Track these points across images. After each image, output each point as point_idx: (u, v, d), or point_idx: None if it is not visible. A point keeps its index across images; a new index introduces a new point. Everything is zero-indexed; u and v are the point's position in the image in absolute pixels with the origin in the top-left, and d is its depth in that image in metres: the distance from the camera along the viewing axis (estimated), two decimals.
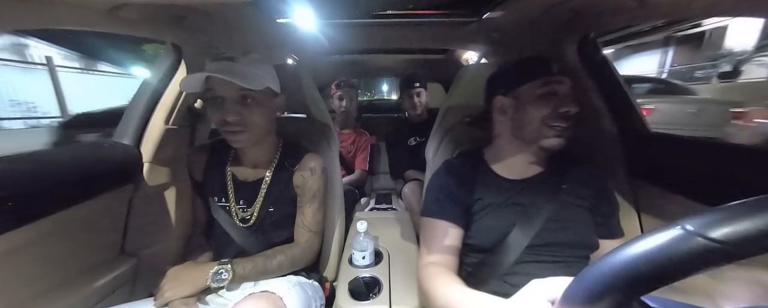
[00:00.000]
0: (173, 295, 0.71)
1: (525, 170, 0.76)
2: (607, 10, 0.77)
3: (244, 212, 0.84)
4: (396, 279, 0.90)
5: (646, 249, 0.24)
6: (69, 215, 0.73)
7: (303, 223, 0.85)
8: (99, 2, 0.60)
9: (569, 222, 0.70)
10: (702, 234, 0.22)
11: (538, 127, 0.68)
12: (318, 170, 0.87)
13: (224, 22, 0.87)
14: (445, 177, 0.78)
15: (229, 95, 0.73)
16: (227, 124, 0.73)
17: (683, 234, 0.23)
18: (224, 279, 0.73)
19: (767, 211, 0.21)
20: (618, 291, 0.25)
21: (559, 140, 0.68)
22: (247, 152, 0.85)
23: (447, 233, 0.71)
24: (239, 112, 0.73)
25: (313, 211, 0.86)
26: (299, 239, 0.86)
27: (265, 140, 0.84)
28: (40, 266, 0.71)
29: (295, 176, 0.85)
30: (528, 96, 0.70)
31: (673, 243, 0.23)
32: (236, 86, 0.71)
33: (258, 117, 0.76)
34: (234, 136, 0.75)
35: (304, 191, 0.85)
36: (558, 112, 0.66)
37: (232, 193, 0.84)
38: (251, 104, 0.75)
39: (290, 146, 0.91)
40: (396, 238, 1.14)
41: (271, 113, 0.82)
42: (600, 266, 0.26)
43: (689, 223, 0.23)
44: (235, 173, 0.86)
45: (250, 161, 0.86)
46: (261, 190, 0.84)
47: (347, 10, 0.88)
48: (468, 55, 1.92)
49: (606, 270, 0.26)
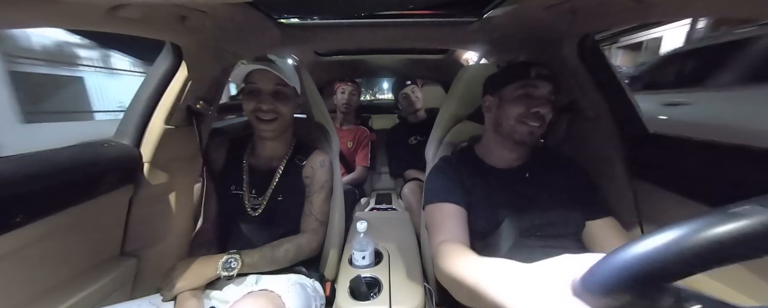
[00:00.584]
0: (183, 286, 0.72)
1: (511, 160, 0.84)
2: (607, 9, 0.77)
3: (256, 200, 0.90)
4: (396, 279, 0.90)
5: (683, 234, 0.22)
6: (69, 215, 0.73)
7: (310, 211, 0.91)
8: (99, 1, 0.59)
9: (556, 207, 0.76)
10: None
11: (513, 123, 0.77)
12: (326, 164, 0.96)
13: (225, 22, 0.87)
14: (444, 168, 0.86)
15: (266, 88, 0.85)
16: (261, 111, 0.85)
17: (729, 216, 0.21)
18: (234, 267, 0.75)
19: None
20: (646, 280, 0.23)
21: (530, 136, 0.76)
22: (266, 145, 0.94)
23: (454, 214, 0.75)
24: (272, 102, 0.85)
25: (321, 201, 0.93)
26: (306, 227, 0.90)
27: (283, 135, 0.94)
28: (40, 266, 0.71)
29: (304, 168, 0.94)
30: (508, 96, 0.79)
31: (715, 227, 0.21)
32: (273, 80, 0.85)
33: (286, 110, 0.88)
34: (265, 124, 0.86)
35: (312, 181, 0.93)
36: (531, 111, 0.74)
37: (246, 181, 0.91)
38: (282, 98, 0.87)
39: (301, 143, 1.00)
40: (396, 238, 1.14)
41: (294, 109, 0.92)
42: (625, 253, 0.24)
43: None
44: (250, 164, 0.94)
45: (266, 153, 0.95)
46: (273, 180, 0.91)
47: (347, 10, 0.88)
48: (468, 56, 1.91)
49: (633, 257, 0.23)
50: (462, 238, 0.71)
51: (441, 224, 0.74)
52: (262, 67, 0.83)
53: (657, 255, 0.23)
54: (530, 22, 0.95)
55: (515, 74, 0.79)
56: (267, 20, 1.00)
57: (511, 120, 0.77)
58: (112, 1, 0.59)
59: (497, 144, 0.84)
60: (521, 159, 0.84)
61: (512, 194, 0.78)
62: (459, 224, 0.73)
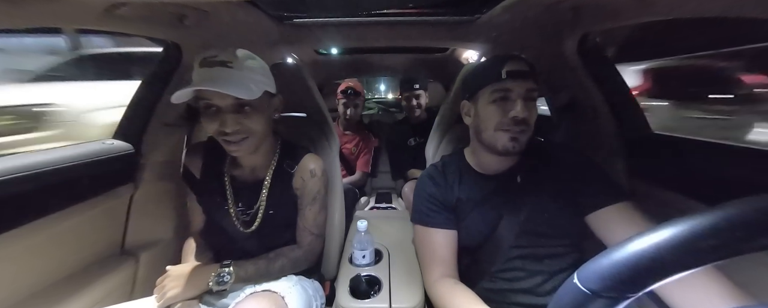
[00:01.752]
0: (176, 297, 0.70)
1: (500, 166, 0.76)
2: (607, 9, 0.76)
3: (244, 215, 0.81)
4: (396, 277, 0.90)
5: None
6: (69, 215, 0.73)
7: (304, 226, 0.84)
8: (97, 0, 0.59)
9: (549, 211, 0.70)
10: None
11: (492, 132, 0.69)
12: (318, 172, 0.84)
13: (224, 21, 0.87)
14: (428, 185, 0.79)
15: (225, 104, 0.67)
16: (226, 134, 0.69)
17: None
18: (226, 281, 0.72)
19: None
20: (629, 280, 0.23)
21: (514, 143, 0.68)
22: (246, 156, 0.81)
23: (442, 240, 0.73)
24: (238, 121, 0.69)
25: (315, 214, 0.84)
26: (301, 241, 0.85)
27: (263, 143, 0.80)
28: (41, 266, 0.71)
29: (294, 178, 0.83)
30: (482, 101, 0.71)
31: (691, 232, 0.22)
32: (232, 95, 0.66)
33: (257, 124, 0.72)
34: (235, 145, 0.71)
35: (304, 193, 0.83)
36: (509, 117, 0.66)
37: (231, 197, 0.81)
38: (249, 112, 0.70)
39: (288, 146, 0.87)
40: (396, 237, 1.14)
41: (269, 117, 0.78)
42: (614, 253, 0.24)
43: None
44: (233, 176, 0.83)
45: (248, 164, 0.83)
46: (262, 194, 0.81)
47: (348, 8, 0.87)
48: (468, 54, 1.91)
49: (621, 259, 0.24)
50: (453, 268, 0.72)
51: (431, 253, 0.74)
52: (210, 89, 0.64)
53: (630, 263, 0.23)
54: (531, 20, 0.94)
55: (484, 75, 0.70)
56: (267, 18, 1.00)
57: (489, 129, 0.69)
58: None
59: (483, 152, 0.76)
60: (512, 161, 0.76)
61: (502, 202, 0.72)
62: (447, 251, 0.73)
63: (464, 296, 0.64)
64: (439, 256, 0.73)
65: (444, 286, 0.68)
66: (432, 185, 0.78)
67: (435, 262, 0.73)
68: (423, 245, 0.76)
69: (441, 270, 0.71)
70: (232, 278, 0.72)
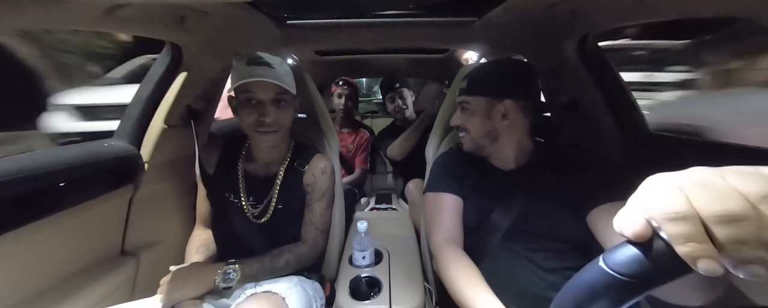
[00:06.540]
0: (182, 296, 0.71)
1: (505, 161, 0.81)
2: (607, 9, 0.76)
3: (254, 209, 0.85)
4: (396, 278, 0.90)
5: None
6: (69, 215, 0.73)
7: (311, 220, 0.87)
8: (98, 1, 0.59)
9: (545, 214, 0.72)
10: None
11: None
12: (328, 171, 0.90)
13: (225, 22, 0.87)
14: (444, 160, 0.88)
15: (266, 97, 0.77)
16: (263, 124, 0.77)
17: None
18: (232, 278, 0.73)
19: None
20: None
21: (462, 145, 0.80)
22: (263, 150, 0.87)
23: (450, 204, 0.78)
24: (275, 114, 0.78)
25: (322, 209, 0.88)
26: (306, 236, 0.87)
27: (284, 139, 0.88)
28: (41, 266, 0.71)
29: (305, 175, 0.88)
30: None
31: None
32: (274, 89, 0.77)
33: (287, 119, 0.82)
34: (268, 136, 0.79)
35: (314, 189, 0.88)
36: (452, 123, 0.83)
37: (243, 189, 0.85)
38: (284, 106, 0.80)
39: (301, 146, 0.93)
40: (396, 238, 1.14)
41: (294, 115, 0.86)
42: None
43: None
44: (246, 170, 0.87)
45: (263, 158, 0.88)
46: (274, 186, 0.85)
47: (348, 9, 0.88)
48: (468, 55, 1.92)
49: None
50: (457, 235, 0.76)
51: (439, 219, 0.77)
52: (261, 80, 0.75)
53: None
54: (530, 21, 0.95)
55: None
56: (267, 20, 1.00)
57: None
58: (111, 0, 0.59)
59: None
60: (517, 161, 0.80)
61: (501, 194, 0.76)
62: (454, 219, 0.77)
63: (468, 271, 0.65)
64: (447, 218, 0.77)
65: (451, 253, 0.70)
66: (449, 160, 0.87)
67: (443, 224, 0.76)
68: (432, 209, 0.81)
69: (446, 234, 0.75)
70: (238, 275, 0.73)
